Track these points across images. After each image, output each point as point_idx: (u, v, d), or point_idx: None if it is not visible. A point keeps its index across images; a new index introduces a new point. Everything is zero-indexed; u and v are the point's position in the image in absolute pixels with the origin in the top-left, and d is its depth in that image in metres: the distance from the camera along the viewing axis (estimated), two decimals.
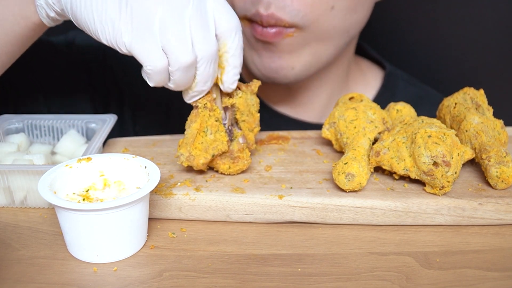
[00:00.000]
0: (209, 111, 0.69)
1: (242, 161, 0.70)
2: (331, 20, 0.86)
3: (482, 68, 1.18)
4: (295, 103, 1.02)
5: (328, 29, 0.87)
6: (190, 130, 0.69)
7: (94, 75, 1.03)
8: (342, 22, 0.87)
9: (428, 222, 0.66)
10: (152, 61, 0.62)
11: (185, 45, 0.62)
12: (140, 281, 0.58)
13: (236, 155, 0.70)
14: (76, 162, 0.65)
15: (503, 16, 1.14)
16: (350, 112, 0.74)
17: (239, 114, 0.72)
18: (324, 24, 0.86)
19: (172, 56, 0.62)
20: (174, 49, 0.62)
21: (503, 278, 0.58)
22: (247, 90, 0.72)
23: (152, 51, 0.62)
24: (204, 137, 0.69)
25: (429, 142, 0.65)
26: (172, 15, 0.61)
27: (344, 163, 0.67)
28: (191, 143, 0.69)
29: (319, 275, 0.59)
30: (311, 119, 1.03)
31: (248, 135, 0.73)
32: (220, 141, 0.69)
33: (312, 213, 0.66)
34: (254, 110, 0.74)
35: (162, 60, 0.62)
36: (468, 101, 0.75)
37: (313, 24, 0.85)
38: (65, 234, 0.61)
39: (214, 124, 0.69)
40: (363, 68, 1.08)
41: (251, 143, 0.73)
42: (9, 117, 0.80)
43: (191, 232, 0.66)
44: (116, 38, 0.63)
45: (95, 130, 0.79)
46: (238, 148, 0.70)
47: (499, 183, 0.67)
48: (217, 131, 0.69)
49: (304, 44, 0.87)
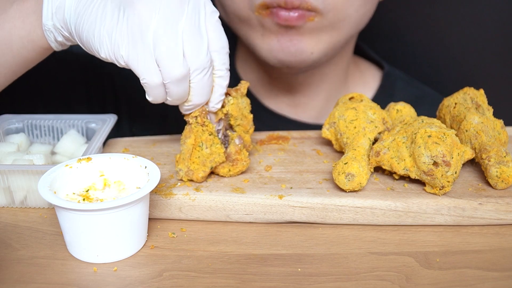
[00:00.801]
0: (201, 126, 0.68)
1: (241, 163, 0.70)
2: (348, 8, 0.88)
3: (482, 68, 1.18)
4: (294, 103, 1.02)
5: (344, 17, 0.88)
6: (185, 146, 0.69)
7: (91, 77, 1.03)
8: (356, 12, 0.89)
9: (428, 222, 0.66)
10: (148, 75, 0.63)
11: (177, 58, 0.62)
12: (140, 281, 0.58)
13: (234, 158, 0.70)
14: (76, 162, 0.65)
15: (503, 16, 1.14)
16: (350, 112, 0.74)
17: (233, 120, 0.72)
18: (341, 11, 0.87)
19: (165, 69, 0.63)
20: (166, 62, 0.62)
21: (503, 278, 0.58)
22: (237, 94, 0.72)
23: (147, 65, 0.62)
24: (200, 151, 0.69)
25: (429, 142, 0.65)
26: (165, 27, 0.62)
27: (344, 163, 0.67)
28: (188, 158, 0.69)
29: (319, 275, 0.59)
30: (310, 119, 1.03)
31: (244, 137, 0.73)
32: (216, 153, 0.69)
33: (312, 213, 0.66)
34: (246, 112, 0.73)
35: (157, 76, 0.63)
36: (468, 101, 0.75)
37: (332, 10, 0.87)
38: (65, 234, 0.61)
39: (208, 138, 0.69)
40: (361, 69, 1.08)
41: (248, 144, 0.73)
42: (9, 117, 0.80)
43: (191, 232, 0.66)
44: (114, 51, 0.63)
45: (95, 130, 0.79)
46: (235, 150, 0.70)
47: (499, 183, 0.67)
48: (212, 144, 0.69)
49: (322, 30, 0.89)
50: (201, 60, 0.64)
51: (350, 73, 1.05)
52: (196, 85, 0.65)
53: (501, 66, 1.18)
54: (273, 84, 1.01)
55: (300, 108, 1.03)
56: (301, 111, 1.03)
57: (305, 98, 1.02)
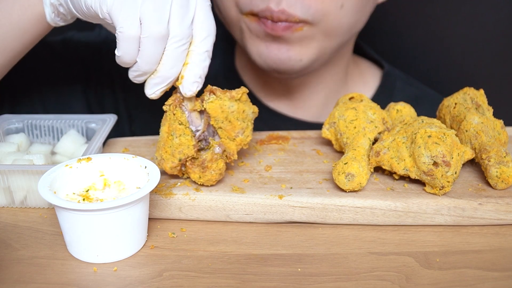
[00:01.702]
0: (173, 114, 0.67)
1: (210, 172, 0.67)
2: (340, 18, 0.87)
3: (482, 68, 1.18)
4: (293, 102, 1.02)
5: (336, 26, 0.88)
6: (160, 134, 0.69)
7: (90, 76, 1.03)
8: (349, 20, 0.89)
9: (428, 222, 0.66)
10: (127, 25, 0.63)
11: (162, 17, 0.63)
12: (140, 281, 0.58)
13: (206, 165, 0.68)
14: (76, 162, 0.65)
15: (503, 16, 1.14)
16: (350, 112, 0.74)
17: (213, 120, 0.68)
18: (333, 21, 0.87)
19: (146, 22, 0.63)
20: (150, 17, 0.62)
21: (503, 278, 0.58)
22: (223, 96, 0.68)
23: (130, 17, 0.63)
24: (171, 140, 0.68)
25: (429, 142, 0.65)
26: None
27: (344, 163, 0.67)
28: (162, 147, 0.68)
29: (319, 275, 0.59)
30: (310, 118, 1.03)
31: (228, 144, 0.69)
32: (185, 145, 0.67)
33: (312, 213, 0.66)
34: (233, 118, 0.68)
35: (136, 28, 0.63)
36: (468, 101, 0.75)
37: (323, 20, 0.86)
38: (65, 234, 0.61)
39: (178, 127, 0.67)
40: (361, 68, 1.08)
41: (232, 153, 0.69)
42: (9, 117, 0.80)
43: (191, 232, 0.66)
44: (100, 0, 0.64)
45: (95, 130, 0.79)
46: (210, 158, 0.68)
47: (499, 183, 0.67)
48: (181, 134, 0.67)
49: (312, 38, 0.88)
50: (182, 29, 0.64)
51: (350, 72, 1.05)
52: (170, 53, 0.64)
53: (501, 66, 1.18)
54: (272, 85, 1.01)
55: (300, 107, 1.03)
56: (301, 109, 1.03)
57: (304, 98, 1.02)
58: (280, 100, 1.03)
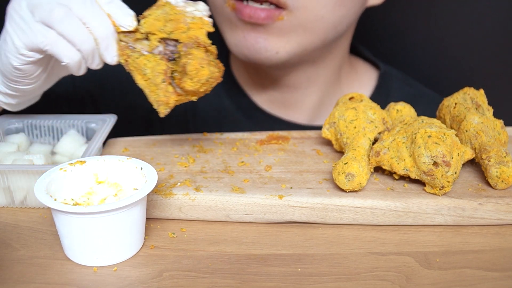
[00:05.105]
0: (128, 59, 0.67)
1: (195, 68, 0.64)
2: (320, 9, 0.86)
3: (482, 68, 1.18)
4: (285, 104, 1.02)
5: (316, 18, 0.87)
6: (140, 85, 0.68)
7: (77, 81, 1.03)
8: (330, 14, 0.88)
9: (428, 222, 0.66)
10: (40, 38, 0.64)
11: None
12: (140, 281, 0.58)
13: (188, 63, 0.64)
14: (70, 166, 0.64)
15: (503, 16, 1.14)
16: (350, 112, 0.74)
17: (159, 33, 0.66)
18: (312, 10, 0.86)
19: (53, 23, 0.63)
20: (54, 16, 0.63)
21: (503, 278, 0.58)
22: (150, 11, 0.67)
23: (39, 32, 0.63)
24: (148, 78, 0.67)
25: (429, 142, 0.65)
26: None
27: (344, 163, 0.67)
28: (149, 92, 0.67)
29: (319, 275, 0.59)
30: (303, 120, 1.02)
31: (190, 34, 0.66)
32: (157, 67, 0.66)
33: (312, 213, 0.66)
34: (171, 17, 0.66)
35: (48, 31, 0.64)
36: (468, 101, 0.75)
37: (303, 7, 0.85)
38: (64, 238, 0.60)
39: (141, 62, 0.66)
40: (357, 69, 1.08)
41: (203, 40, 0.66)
42: (9, 117, 0.80)
43: (191, 232, 0.66)
44: None
45: (95, 130, 0.79)
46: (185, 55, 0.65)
47: (499, 183, 0.67)
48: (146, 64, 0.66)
49: (291, 31, 0.88)
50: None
51: (344, 74, 1.04)
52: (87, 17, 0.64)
53: (501, 66, 1.18)
54: (262, 81, 1.01)
55: (292, 108, 1.02)
56: (293, 111, 1.02)
57: (296, 98, 1.01)
58: (272, 103, 1.02)
